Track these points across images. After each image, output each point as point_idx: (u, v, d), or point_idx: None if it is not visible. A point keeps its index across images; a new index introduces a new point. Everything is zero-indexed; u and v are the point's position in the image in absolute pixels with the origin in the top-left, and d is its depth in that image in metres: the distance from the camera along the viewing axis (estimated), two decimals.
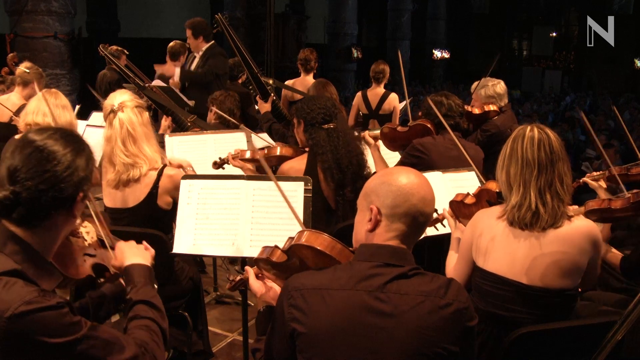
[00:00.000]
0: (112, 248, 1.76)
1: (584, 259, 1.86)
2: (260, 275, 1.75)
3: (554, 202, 1.84)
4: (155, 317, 1.55)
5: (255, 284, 1.72)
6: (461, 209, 2.35)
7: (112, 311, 1.86)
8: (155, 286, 1.66)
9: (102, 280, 1.77)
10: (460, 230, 2.36)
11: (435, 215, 2.51)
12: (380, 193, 1.44)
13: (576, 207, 2.12)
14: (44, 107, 3.05)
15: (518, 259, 1.86)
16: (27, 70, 4.29)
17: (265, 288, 1.71)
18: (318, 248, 1.55)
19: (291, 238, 1.64)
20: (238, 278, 1.87)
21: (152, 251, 1.73)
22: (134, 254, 1.68)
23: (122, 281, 1.84)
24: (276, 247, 1.69)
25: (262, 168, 3.11)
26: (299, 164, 2.87)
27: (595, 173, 3.01)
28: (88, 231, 1.69)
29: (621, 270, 2.34)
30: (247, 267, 1.78)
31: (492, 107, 3.93)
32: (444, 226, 2.50)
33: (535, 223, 1.83)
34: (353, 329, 1.36)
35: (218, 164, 3.11)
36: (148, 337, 1.49)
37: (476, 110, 3.94)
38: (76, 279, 1.61)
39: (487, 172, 2.97)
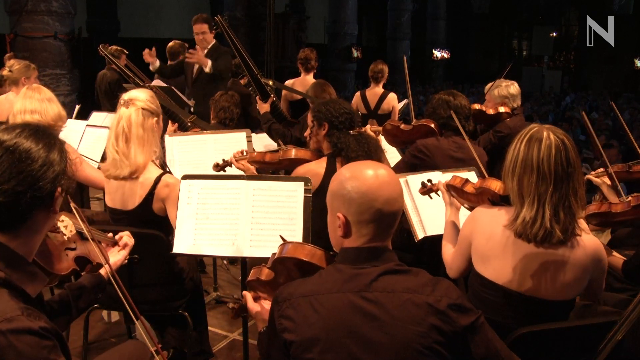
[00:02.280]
0: (92, 239, 1.75)
1: (586, 276, 1.84)
2: (256, 296, 1.77)
3: (566, 219, 1.76)
4: None
5: (253, 307, 1.74)
6: (458, 193, 2.32)
7: (92, 301, 1.86)
8: None
9: (85, 273, 1.78)
10: (456, 207, 2.35)
11: (429, 184, 2.51)
12: (343, 200, 1.43)
13: (582, 220, 2.06)
14: (30, 105, 3.05)
15: (520, 271, 1.83)
16: (11, 70, 4.25)
17: (262, 309, 1.72)
18: (300, 258, 1.59)
19: (274, 254, 1.69)
20: (238, 305, 1.87)
21: None
22: None
23: (101, 272, 1.84)
24: (263, 265, 1.74)
25: (266, 169, 3.11)
26: (317, 167, 2.80)
27: (599, 170, 3.00)
28: (66, 225, 1.67)
29: (623, 273, 2.33)
30: (244, 292, 1.80)
31: (505, 109, 3.95)
32: (438, 195, 2.48)
33: (546, 240, 1.77)
34: (344, 330, 1.37)
35: (220, 166, 3.07)
36: None
37: (490, 111, 3.95)
38: (62, 274, 1.61)
39: (497, 174, 2.97)
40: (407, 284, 1.40)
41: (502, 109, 3.95)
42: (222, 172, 3.10)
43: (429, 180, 2.52)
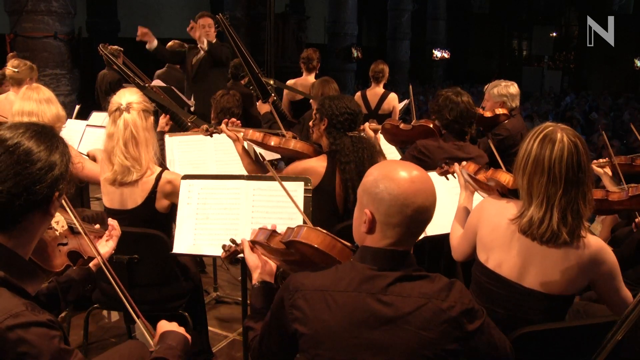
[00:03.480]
0: (85, 233, 1.75)
1: (585, 275, 1.84)
2: (254, 248, 1.76)
3: (574, 222, 1.77)
4: None
5: (250, 258, 1.73)
6: (471, 179, 2.36)
7: (80, 293, 1.86)
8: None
9: (75, 267, 1.78)
10: (470, 191, 2.38)
11: (445, 166, 2.52)
12: (374, 198, 1.40)
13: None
14: (27, 106, 3.05)
15: (521, 264, 1.84)
16: (16, 70, 4.26)
17: (261, 262, 1.72)
18: (317, 246, 1.55)
19: (290, 229, 1.63)
20: (233, 248, 1.86)
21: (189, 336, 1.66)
22: (175, 327, 1.64)
23: (91, 265, 1.85)
24: (274, 232, 1.69)
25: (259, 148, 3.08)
26: (318, 165, 2.78)
27: (601, 160, 3.01)
28: (57, 220, 1.67)
29: None
30: (243, 239, 1.78)
31: (503, 111, 3.95)
32: (454, 177, 2.50)
33: (551, 240, 1.78)
34: (356, 330, 1.36)
35: (210, 132, 3.03)
36: None
37: (488, 114, 3.94)
38: (57, 271, 1.61)
39: None
40: (423, 290, 1.39)
41: (499, 111, 3.94)
42: (209, 137, 3.13)
43: (447, 163, 2.53)
